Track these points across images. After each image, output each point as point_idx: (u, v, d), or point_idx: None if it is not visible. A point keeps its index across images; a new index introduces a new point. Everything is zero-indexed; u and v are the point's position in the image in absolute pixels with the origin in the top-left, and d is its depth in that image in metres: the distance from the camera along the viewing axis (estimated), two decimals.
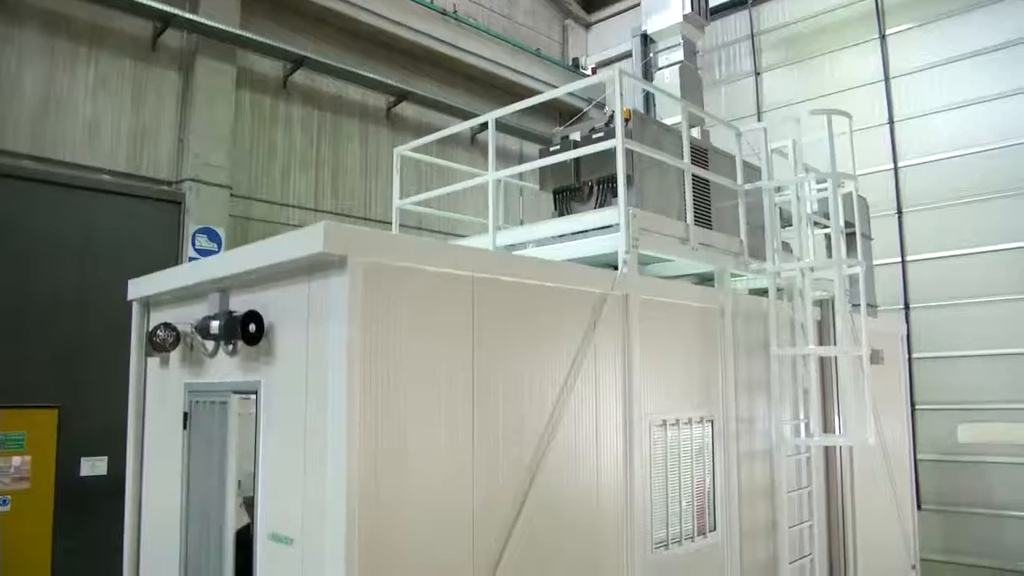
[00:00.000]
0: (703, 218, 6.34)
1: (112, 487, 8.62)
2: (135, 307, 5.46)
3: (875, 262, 10.80)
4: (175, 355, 5.07)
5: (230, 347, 4.35)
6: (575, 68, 15.53)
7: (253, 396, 4.23)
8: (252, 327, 4.07)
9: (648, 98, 8.79)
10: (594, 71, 15.55)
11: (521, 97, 7.24)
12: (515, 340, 4.46)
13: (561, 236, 5.83)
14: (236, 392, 4.38)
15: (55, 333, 9.28)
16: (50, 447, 9.10)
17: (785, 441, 6.40)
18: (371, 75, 11.96)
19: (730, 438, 6.09)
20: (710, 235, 6.30)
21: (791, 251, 7.40)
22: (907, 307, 11.64)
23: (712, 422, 6.00)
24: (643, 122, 6.49)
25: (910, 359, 11.08)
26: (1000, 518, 10.66)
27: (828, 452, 7.41)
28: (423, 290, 3.99)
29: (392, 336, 3.78)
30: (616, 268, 5.35)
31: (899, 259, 11.82)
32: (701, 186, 6.45)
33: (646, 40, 9.52)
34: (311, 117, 11.84)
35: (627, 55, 12.79)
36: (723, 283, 6.29)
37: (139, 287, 5.41)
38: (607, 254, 5.48)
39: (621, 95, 5.62)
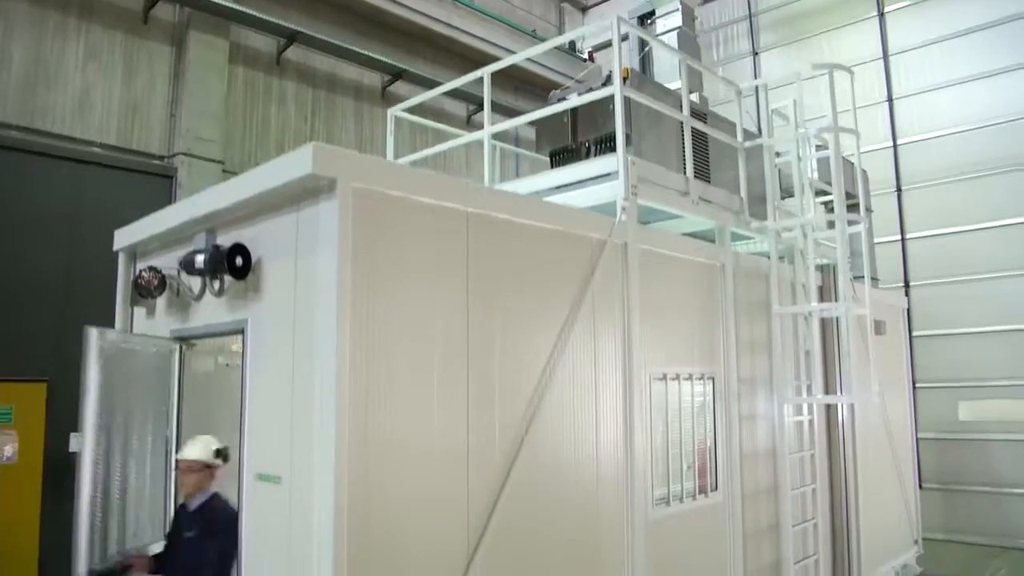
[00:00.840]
0: (703, 174, 6.22)
1: None
2: (121, 257, 5.32)
3: (875, 240, 10.71)
4: (161, 303, 4.93)
5: (216, 286, 4.21)
6: (571, 51, 15.43)
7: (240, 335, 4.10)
8: (239, 260, 3.93)
9: (645, 66, 8.68)
10: (591, 56, 15.46)
11: (517, 79, 7.13)
12: (511, 284, 4.33)
13: (558, 188, 5.70)
14: (223, 334, 4.24)
15: (44, 306, 9.13)
16: (38, 422, 8.93)
17: (787, 401, 6.27)
18: (366, 52, 11.84)
19: (731, 397, 5.96)
20: (710, 190, 6.18)
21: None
22: (907, 285, 11.54)
23: (713, 380, 5.88)
24: (641, 81, 6.38)
25: (911, 337, 10.99)
26: (1001, 496, 10.56)
27: (830, 422, 7.29)
28: (416, 223, 3.85)
29: (383, 270, 3.65)
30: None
31: (899, 237, 11.73)
32: (700, 145, 6.33)
33: (643, 21, 9.44)
34: (305, 94, 11.71)
35: (624, 38, 12.70)
36: (724, 240, 6.17)
37: (125, 236, 5.27)
38: (606, 204, 5.35)
39: (620, 48, 5.51)
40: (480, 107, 6.92)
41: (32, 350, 8.86)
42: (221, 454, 4.36)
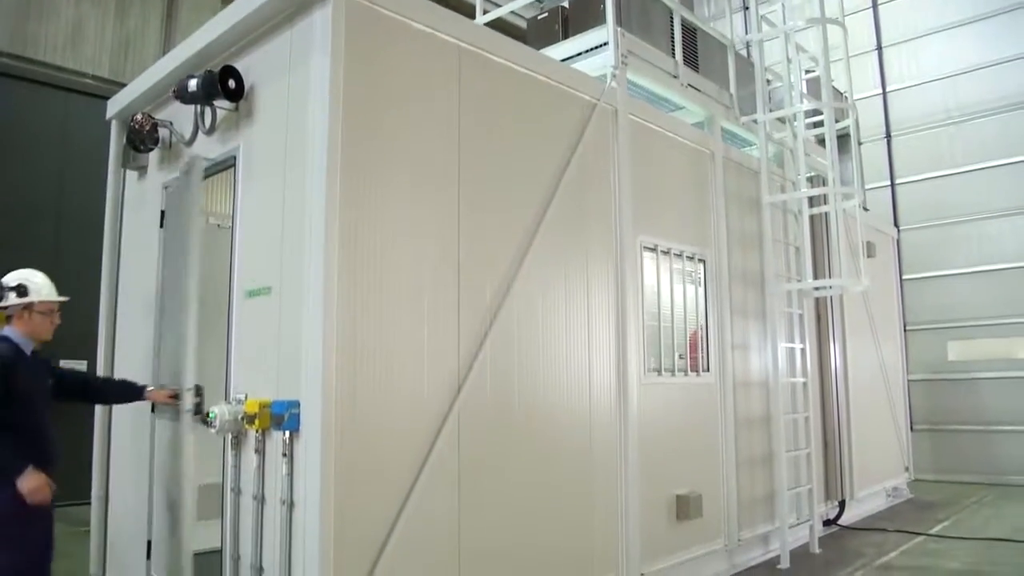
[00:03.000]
0: (692, 64, 6.26)
1: None
2: (113, 126, 5.32)
3: (865, 186, 10.81)
4: (152, 160, 4.93)
5: (207, 121, 4.22)
6: None
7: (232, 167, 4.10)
8: (231, 83, 3.94)
9: None
10: None
11: None
12: (502, 134, 4.34)
13: None
14: (215, 168, 4.24)
15: (34, 229, 9.10)
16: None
17: (778, 291, 6.31)
18: None
19: (722, 281, 6.00)
20: (700, 80, 6.23)
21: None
22: (897, 229, 11.62)
23: (704, 262, 5.91)
24: None
25: (901, 278, 11.07)
26: (989, 434, 10.61)
27: (822, 360, 7.33)
28: (408, 50, 3.86)
29: (375, 87, 3.66)
30: None
31: (888, 183, 11.83)
32: (690, 40, 6.37)
33: None
34: None
35: None
36: (714, 131, 6.22)
37: (118, 101, 5.27)
38: (597, 77, 5.38)
39: None
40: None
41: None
42: None
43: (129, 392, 4.22)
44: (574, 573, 4.45)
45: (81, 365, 9.24)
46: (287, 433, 3.40)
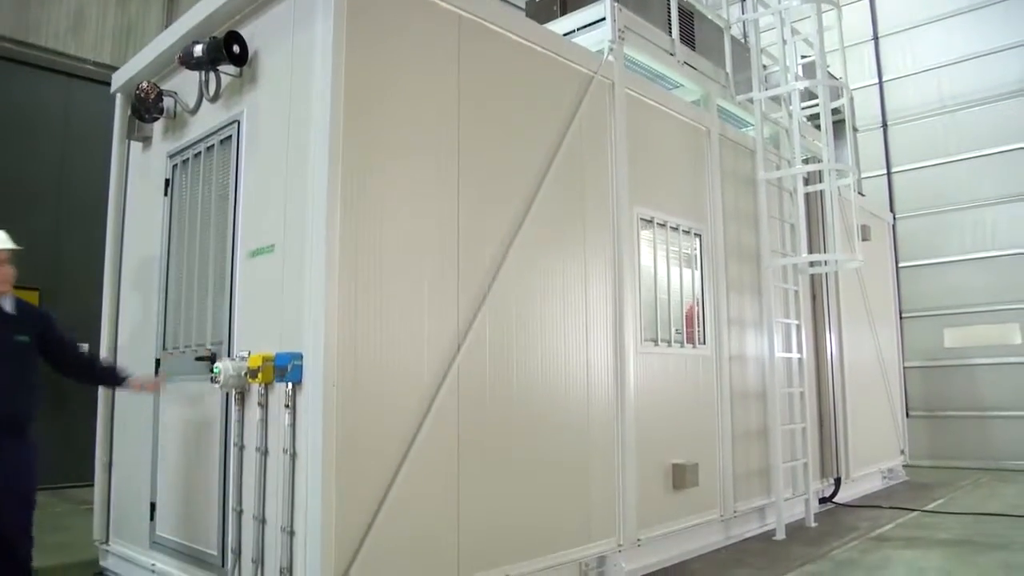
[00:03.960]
0: (688, 43, 6.34)
1: None
2: (118, 99, 5.38)
3: (862, 175, 10.89)
4: (157, 132, 5.00)
5: (212, 88, 4.29)
6: None
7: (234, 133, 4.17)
8: (236, 48, 4.02)
9: None
10: None
11: None
12: (501, 104, 4.41)
13: None
14: (218, 134, 4.32)
15: (37, 214, 9.17)
16: None
17: (773, 265, 6.39)
18: None
19: (718, 256, 6.07)
20: (696, 58, 6.31)
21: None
22: (893, 217, 11.70)
23: (700, 237, 5.99)
24: None
25: (897, 265, 11.16)
26: (985, 419, 10.69)
27: (818, 353, 7.42)
28: (409, 17, 3.93)
29: (376, 57, 3.73)
30: None
31: (885, 171, 11.92)
32: (687, 22, 6.45)
33: None
34: None
35: None
36: (710, 108, 6.30)
37: (122, 74, 5.35)
38: (594, 52, 5.45)
39: None
40: None
41: (24, 258, 8.87)
42: None
43: (112, 377, 4.30)
44: (572, 537, 4.52)
45: (83, 347, 9.32)
46: (290, 385, 3.47)
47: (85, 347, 9.44)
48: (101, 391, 5.21)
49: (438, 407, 3.77)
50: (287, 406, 3.47)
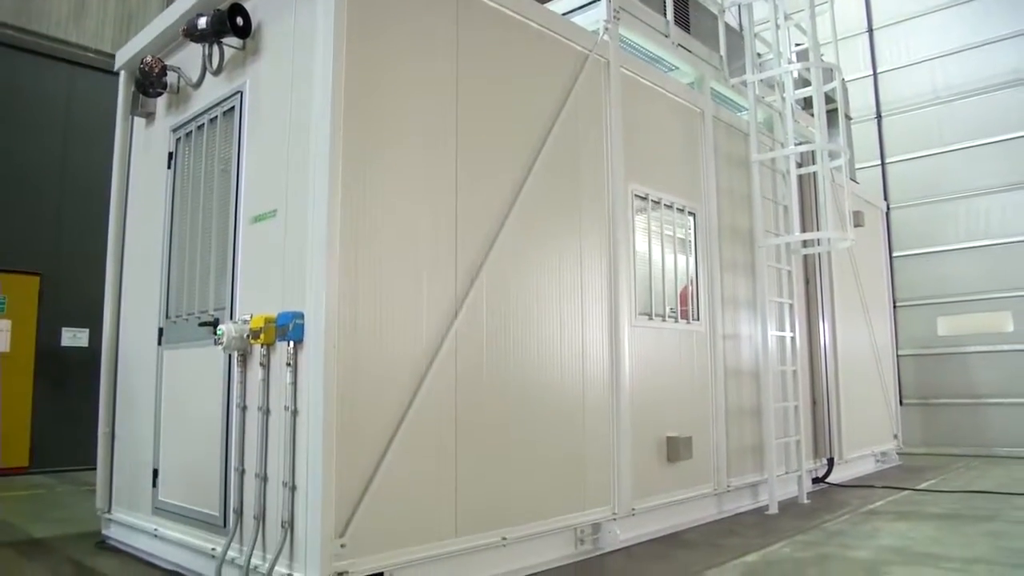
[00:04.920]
0: (683, 26, 6.44)
1: (92, 360, 8.58)
2: (122, 76, 5.47)
3: (856, 166, 11.00)
4: (160, 108, 5.09)
5: (215, 61, 4.38)
6: None
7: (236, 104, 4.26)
8: (239, 20, 4.10)
9: None
10: None
11: None
12: (498, 79, 4.50)
13: None
14: (221, 106, 4.40)
15: (38, 202, 9.25)
16: (31, 313, 9.05)
17: (766, 245, 6.48)
18: None
19: (712, 235, 6.16)
20: (691, 41, 6.41)
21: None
22: (887, 208, 11.81)
23: (694, 215, 6.08)
24: None
25: (891, 255, 11.27)
26: (978, 406, 10.79)
27: (810, 308, 7.52)
28: None
29: (377, 31, 3.82)
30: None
31: (879, 162, 12.03)
32: (681, 6, 6.54)
33: None
34: None
35: None
36: (704, 90, 6.39)
37: (126, 51, 5.43)
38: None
39: None
40: None
41: (26, 244, 8.98)
42: None
43: None
44: (568, 504, 4.60)
45: (84, 333, 9.42)
46: (291, 344, 3.55)
47: (85, 333, 9.54)
48: (105, 354, 5.26)
49: (436, 370, 3.86)
50: (288, 364, 3.55)
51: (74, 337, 9.23)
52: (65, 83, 9.50)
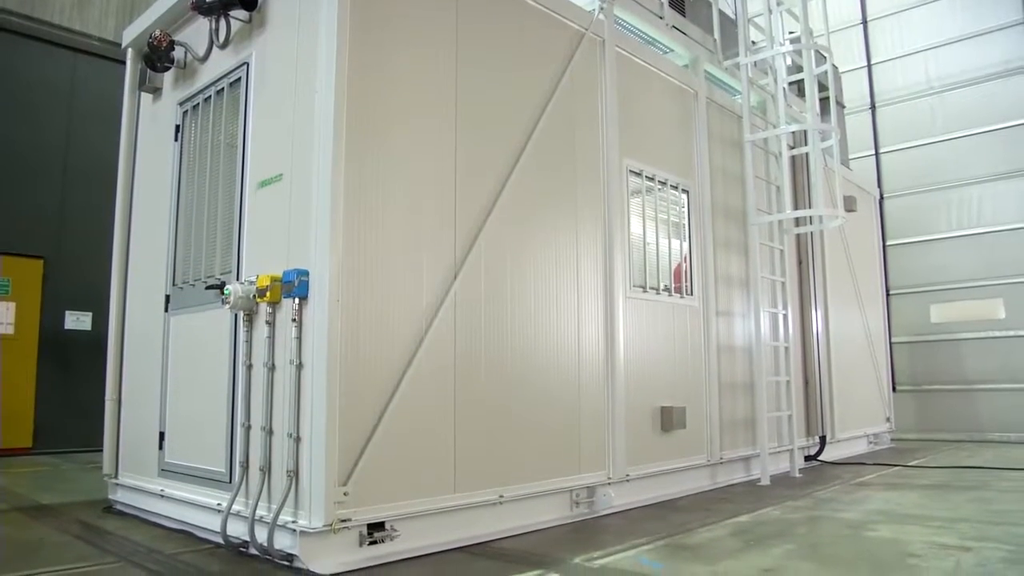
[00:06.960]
0: (678, 9, 6.58)
1: (95, 343, 8.69)
2: (129, 53, 5.59)
3: (849, 156, 11.15)
4: (167, 84, 5.20)
5: (223, 34, 4.50)
6: None
7: (243, 75, 4.39)
8: None
9: None
10: None
11: None
12: (496, 54, 4.63)
13: None
14: (228, 78, 4.53)
15: (43, 186, 9.36)
16: (35, 296, 9.16)
17: (759, 222, 6.61)
18: None
19: (705, 213, 6.30)
20: (685, 24, 6.54)
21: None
22: (881, 197, 11.96)
23: (688, 193, 6.21)
24: None
25: (884, 242, 11.41)
26: (970, 392, 10.93)
27: (803, 286, 7.66)
28: None
29: (380, 5, 3.96)
30: None
31: (873, 152, 12.17)
32: None
33: None
34: None
35: None
36: (698, 72, 6.53)
37: (133, 29, 5.55)
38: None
39: None
40: None
41: (30, 228, 9.09)
42: None
43: None
44: (563, 467, 4.73)
45: (87, 316, 9.54)
46: (296, 300, 3.67)
47: (88, 316, 9.64)
48: (113, 321, 5.36)
49: (435, 330, 3.99)
50: (294, 320, 3.68)
51: (77, 320, 9.34)
52: (68, 70, 9.62)
